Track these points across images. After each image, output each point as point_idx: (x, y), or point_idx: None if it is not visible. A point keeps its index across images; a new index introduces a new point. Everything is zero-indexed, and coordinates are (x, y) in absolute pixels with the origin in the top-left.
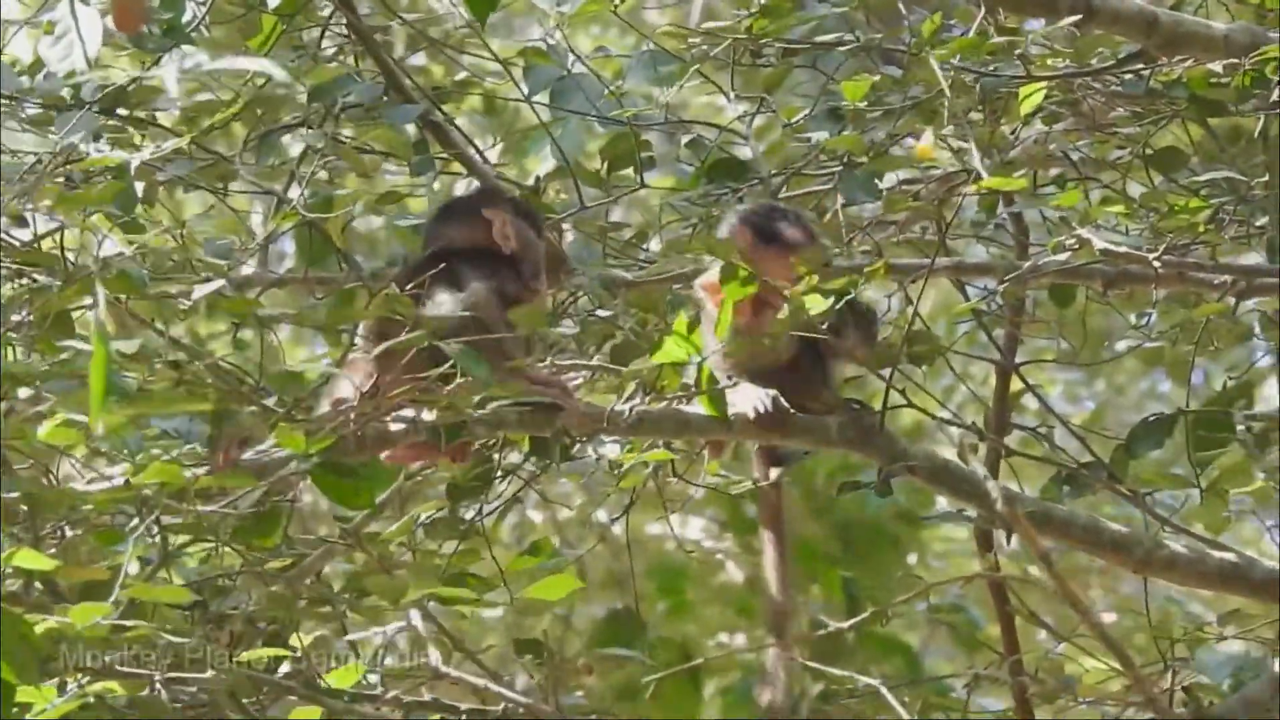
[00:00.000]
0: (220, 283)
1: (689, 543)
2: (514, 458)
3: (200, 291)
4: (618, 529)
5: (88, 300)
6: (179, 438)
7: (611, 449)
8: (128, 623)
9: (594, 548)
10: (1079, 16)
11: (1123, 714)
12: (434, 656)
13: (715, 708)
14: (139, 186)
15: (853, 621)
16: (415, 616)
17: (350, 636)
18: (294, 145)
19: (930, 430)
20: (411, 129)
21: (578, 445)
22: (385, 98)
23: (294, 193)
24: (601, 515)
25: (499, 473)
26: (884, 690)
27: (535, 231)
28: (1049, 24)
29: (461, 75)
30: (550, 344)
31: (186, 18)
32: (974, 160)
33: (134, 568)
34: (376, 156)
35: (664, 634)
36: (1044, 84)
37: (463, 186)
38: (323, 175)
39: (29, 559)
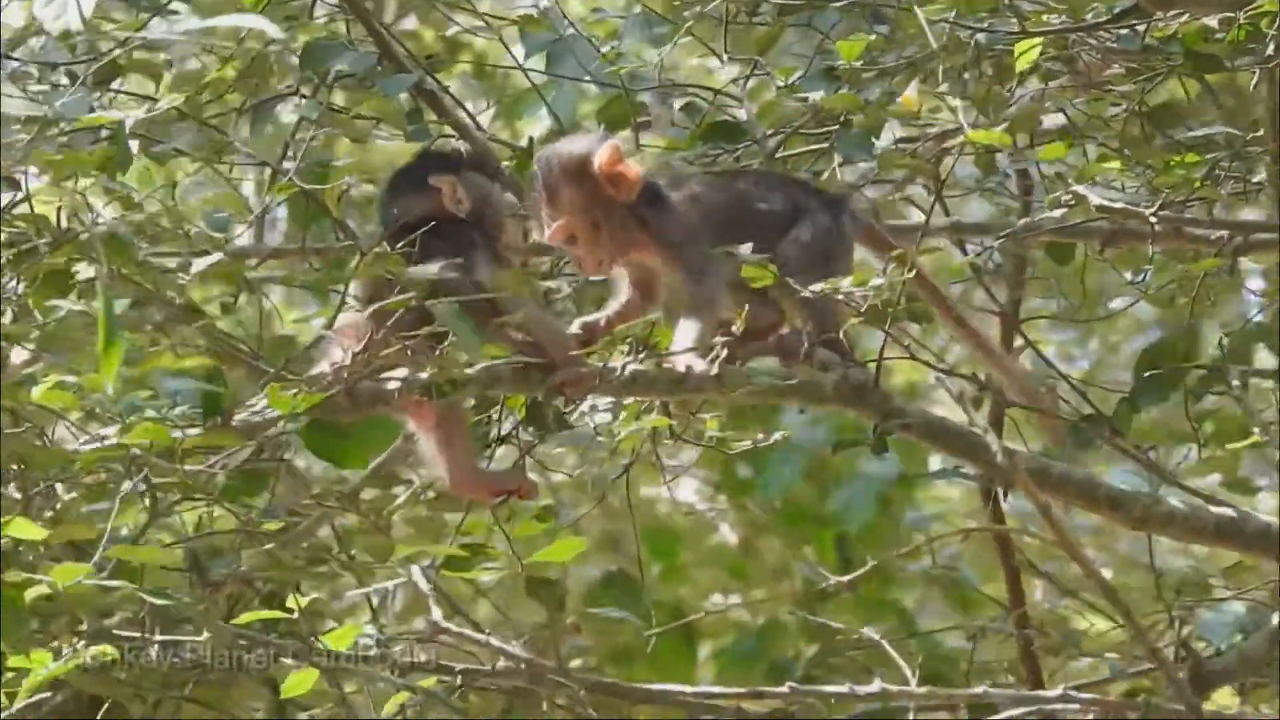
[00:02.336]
0: (219, 256)
1: (683, 505)
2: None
3: (199, 265)
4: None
5: (80, 263)
6: (171, 399)
7: (605, 416)
8: (112, 584)
9: (591, 510)
10: None
11: (1125, 668)
12: (435, 613)
13: (710, 670)
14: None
15: (851, 576)
16: (415, 572)
17: (350, 593)
18: (287, 114)
19: (925, 390)
20: (404, 96)
21: (573, 412)
22: (379, 67)
23: (288, 162)
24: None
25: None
26: (883, 643)
27: (498, 182)
28: None
29: (453, 31)
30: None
31: None
32: (962, 117)
33: (127, 525)
34: (370, 124)
35: (658, 596)
36: (1039, 40)
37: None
38: (317, 145)
39: (21, 529)
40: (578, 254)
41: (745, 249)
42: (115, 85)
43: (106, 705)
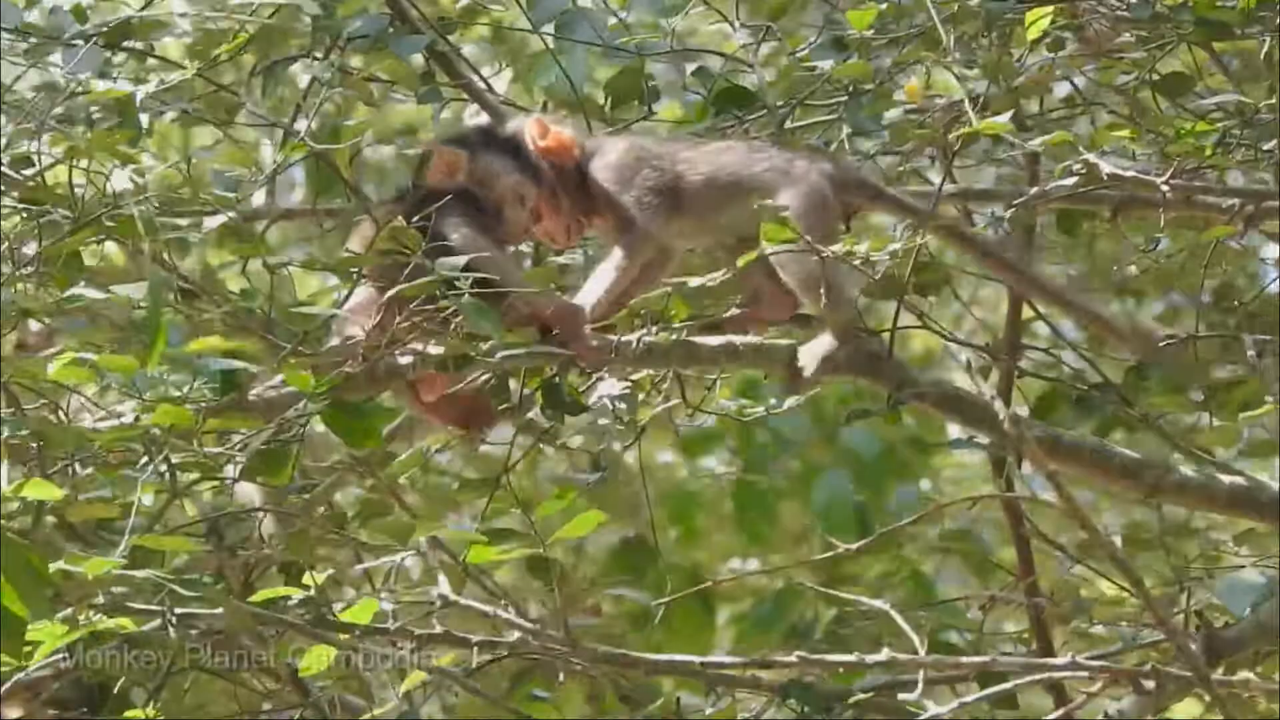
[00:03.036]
0: (229, 215)
1: (701, 470)
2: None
3: (210, 224)
4: (629, 457)
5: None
6: (191, 375)
7: (617, 387)
8: (136, 573)
9: (605, 477)
10: None
11: (1137, 636)
12: (443, 583)
13: (729, 635)
14: (144, 119)
15: (864, 541)
16: (424, 544)
17: (362, 565)
18: (301, 77)
19: (939, 360)
20: (418, 59)
21: (589, 393)
22: (391, 28)
23: (301, 124)
24: (614, 445)
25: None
26: (893, 613)
27: (514, 160)
28: None
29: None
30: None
31: None
32: (972, 89)
33: (146, 499)
34: (383, 86)
35: (676, 561)
36: (1049, 9)
37: (469, 115)
38: (330, 107)
39: (38, 489)
40: (547, 228)
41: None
42: (128, 45)
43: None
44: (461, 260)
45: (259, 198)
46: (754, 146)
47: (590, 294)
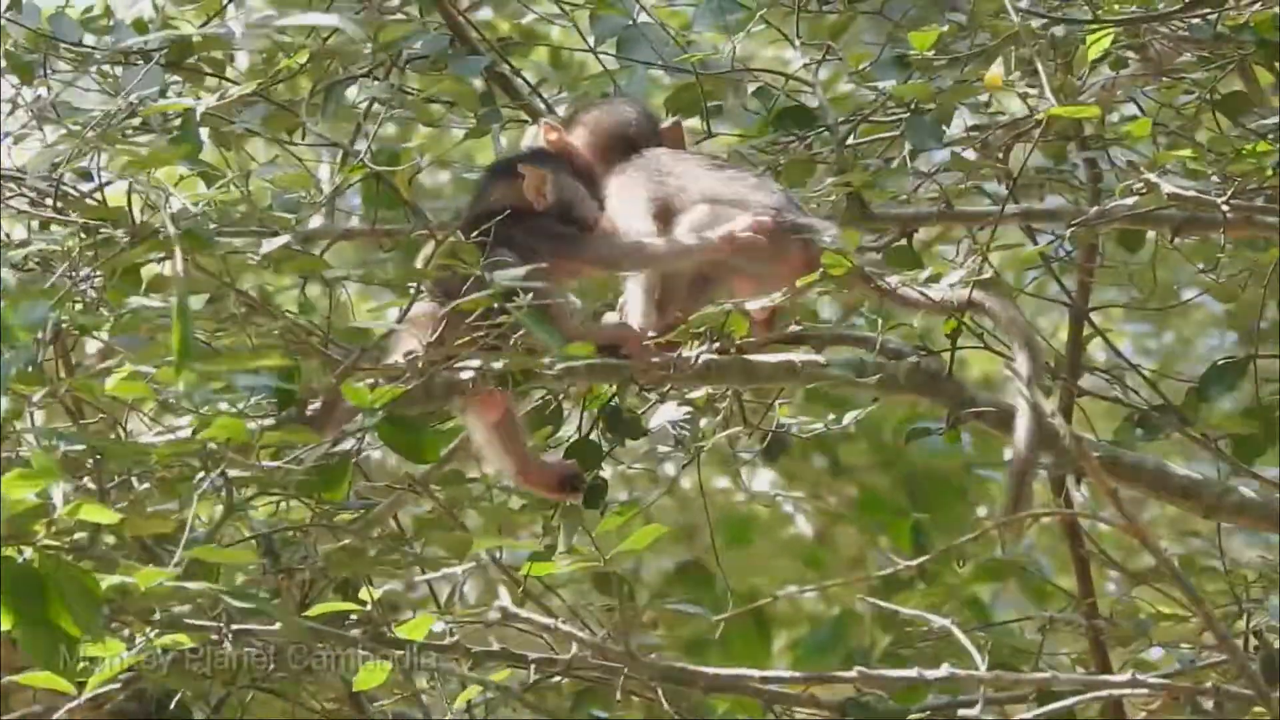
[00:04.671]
0: (288, 237)
1: (758, 495)
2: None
3: (268, 246)
4: (686, 482)
5: (156, 254)
6: (246, 391)
7: (678, 412)
8: (192, 585)
9: (663, 499)
10: None
11: (1196, 657)
12: (504, 597)
13: (785, 660)
14: (204, 134)
15: (920, 560)
16: (485, 558)
17: (419, 579)
18: (360, 96)
19: (999, 383)
20: (477, 80)
21: (649, 416)
22: (450, 49)
23: (360, 145)
24: (669, 468)
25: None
26: (956, 630)
27: (587, 186)
28: None
29: (529, 19)
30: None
31: None
32: (1047, 92)
33: (202, 516)
34: (443, 108)
35: (733, 586)
36: (1112, 29)
37: (530, 137)
38: (389, 128)
39: (94, 512)
40: None
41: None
42: (189, 62)
43: (173, 704)
44: (521, 271)
45: (317, 219)
46: (732, 174)
47: (634, 315)
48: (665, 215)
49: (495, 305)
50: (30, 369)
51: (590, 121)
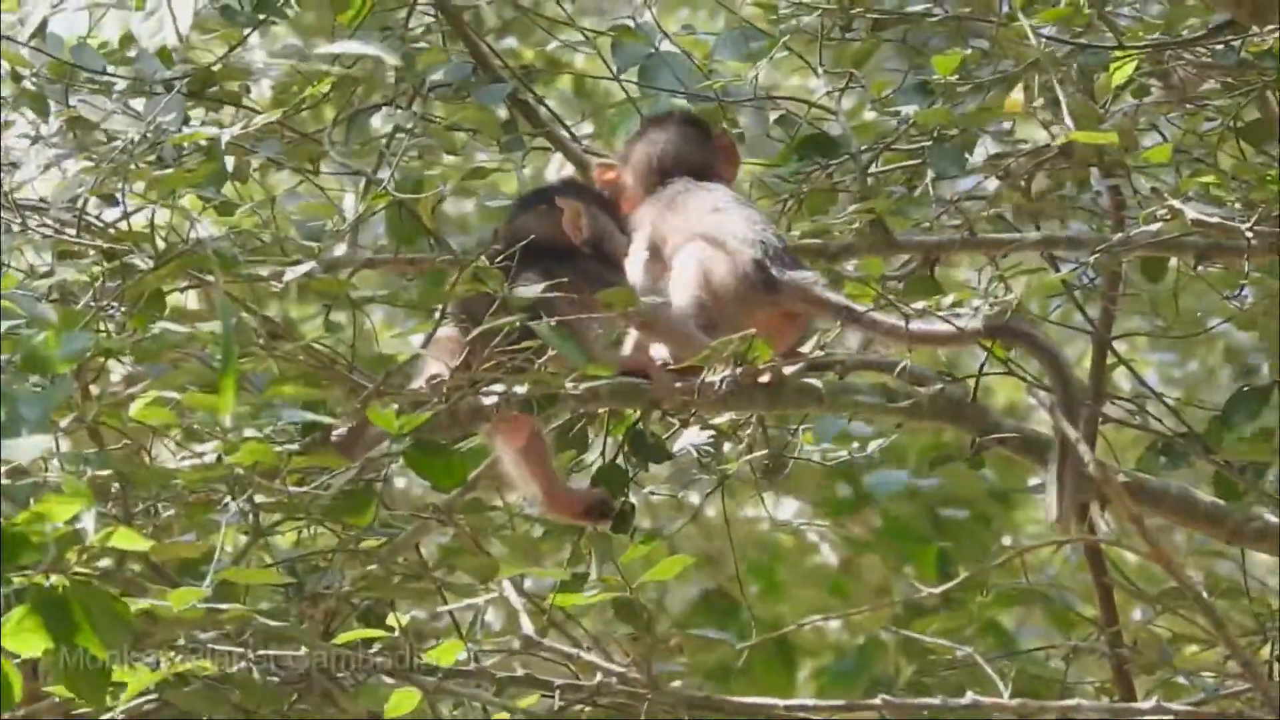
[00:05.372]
0: (311, 265)
1: (783, 524)
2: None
3: (292, 274)
4: (710, 510)
5: (179, 281)
6: (271, 415)
7: (702, 436)
8: (222, 606)
9: (688, 528)
10: None
11: (1221, 685)
12: (526, 625)
13: (810, 689)
14: (229, 162)
15: (944, 587)
16: (509, 588)
17: (443, 608)
18: (383, 125)
19: (1024, 412)
20: (501, 108)
21: (674, 440)
22: (474, 77)
23: (383, 173)
24: (694, 496)
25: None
26: (978, 657)
27: (616, 223)
28: None
29: (552, 46)
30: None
31: None
32: (1066, 118)
33: (227, 545)
34: (466, 135)
35: (758, 614)
36: (1135, 56)
37: (554, 165)
38: (413, 156)
39: (125, 539)
40: None
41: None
42: (211, 91)
43: None
44: (541, 288)
45: (341, 247)
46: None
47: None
48: (656, 252)
49: (520, 328)
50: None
51: (631, 155)
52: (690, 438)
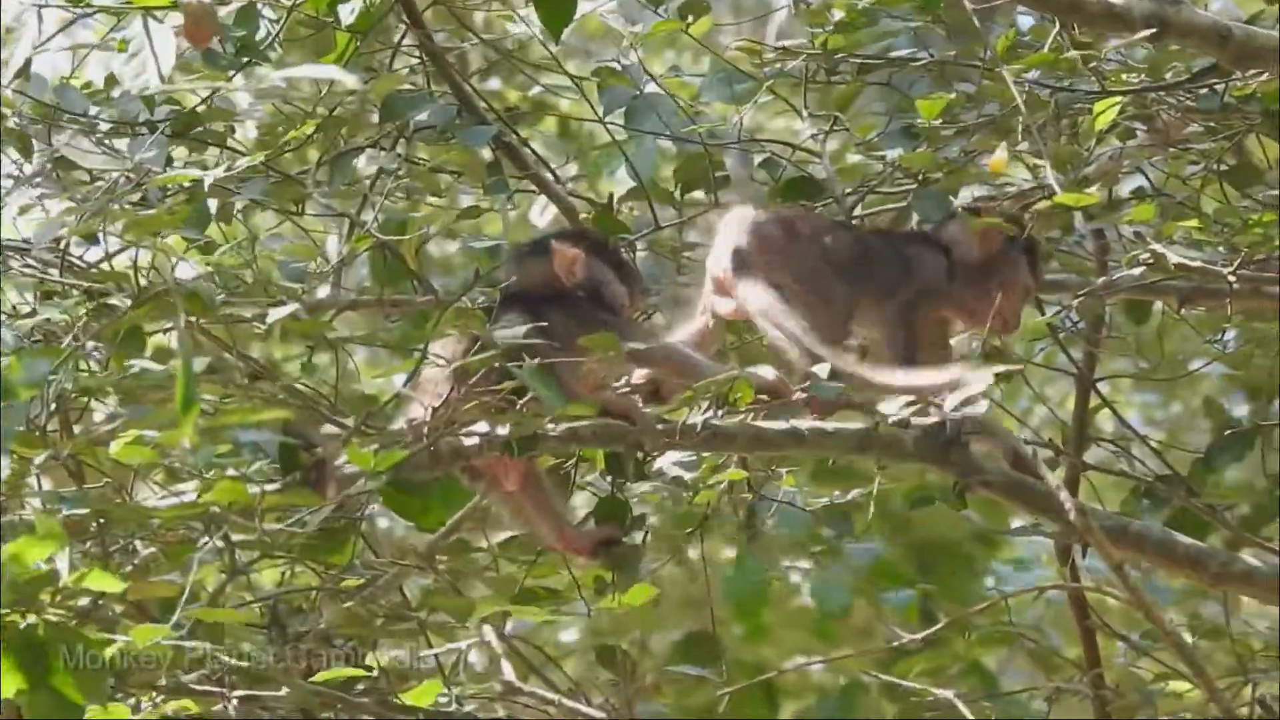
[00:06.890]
0: (294, 306)
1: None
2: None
3: (275, 315)
4: (694, 552)
5: (159, 320)
6: (250, 454)
7: (678, 469)
8: (189, 644)
9: (669, 567)
10: (1153, 31)
11: None
12: (507, 670)
13: None
14: (212, 204)
15: (927, 632)
16: (489, 632)
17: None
18: (367, 167)
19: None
20: (485, 150)
21: (651, 462)
22: (458, 119)
23: (368, 214)
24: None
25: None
26: (958, 702)
27: (614, 271)
28: (1123, 39)
29: (535, 91)
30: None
31: (260, 35)
32: (1049, 175)
33: (208, 584)
34: (450, 178)
35: (740, 657)
36: (1118, 100)
37: (538, 207)
38: (397, 197)
39: (100, 580)
40: None
41: None
42: (195, 132)
43: None
44: (522, 330)
45: (324, 289)
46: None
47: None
48: None
49: (501, 369)
50: (32, 430)
51: None
52: (671, 457)
